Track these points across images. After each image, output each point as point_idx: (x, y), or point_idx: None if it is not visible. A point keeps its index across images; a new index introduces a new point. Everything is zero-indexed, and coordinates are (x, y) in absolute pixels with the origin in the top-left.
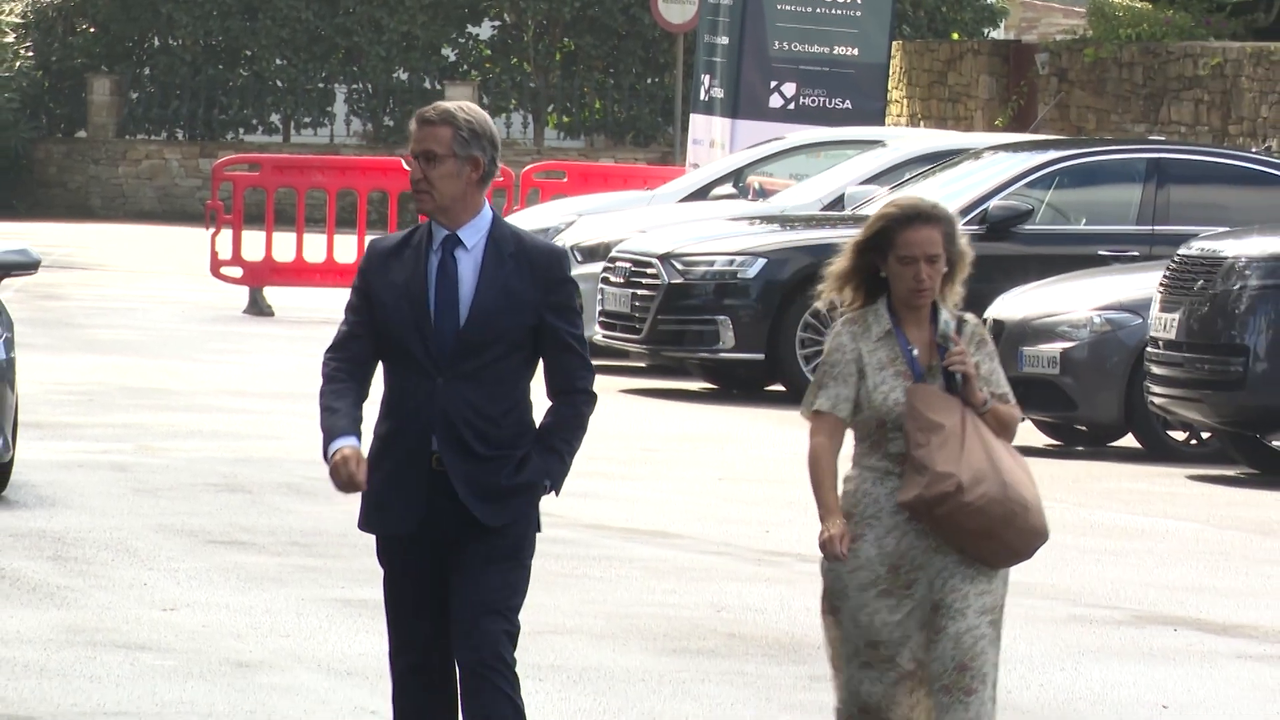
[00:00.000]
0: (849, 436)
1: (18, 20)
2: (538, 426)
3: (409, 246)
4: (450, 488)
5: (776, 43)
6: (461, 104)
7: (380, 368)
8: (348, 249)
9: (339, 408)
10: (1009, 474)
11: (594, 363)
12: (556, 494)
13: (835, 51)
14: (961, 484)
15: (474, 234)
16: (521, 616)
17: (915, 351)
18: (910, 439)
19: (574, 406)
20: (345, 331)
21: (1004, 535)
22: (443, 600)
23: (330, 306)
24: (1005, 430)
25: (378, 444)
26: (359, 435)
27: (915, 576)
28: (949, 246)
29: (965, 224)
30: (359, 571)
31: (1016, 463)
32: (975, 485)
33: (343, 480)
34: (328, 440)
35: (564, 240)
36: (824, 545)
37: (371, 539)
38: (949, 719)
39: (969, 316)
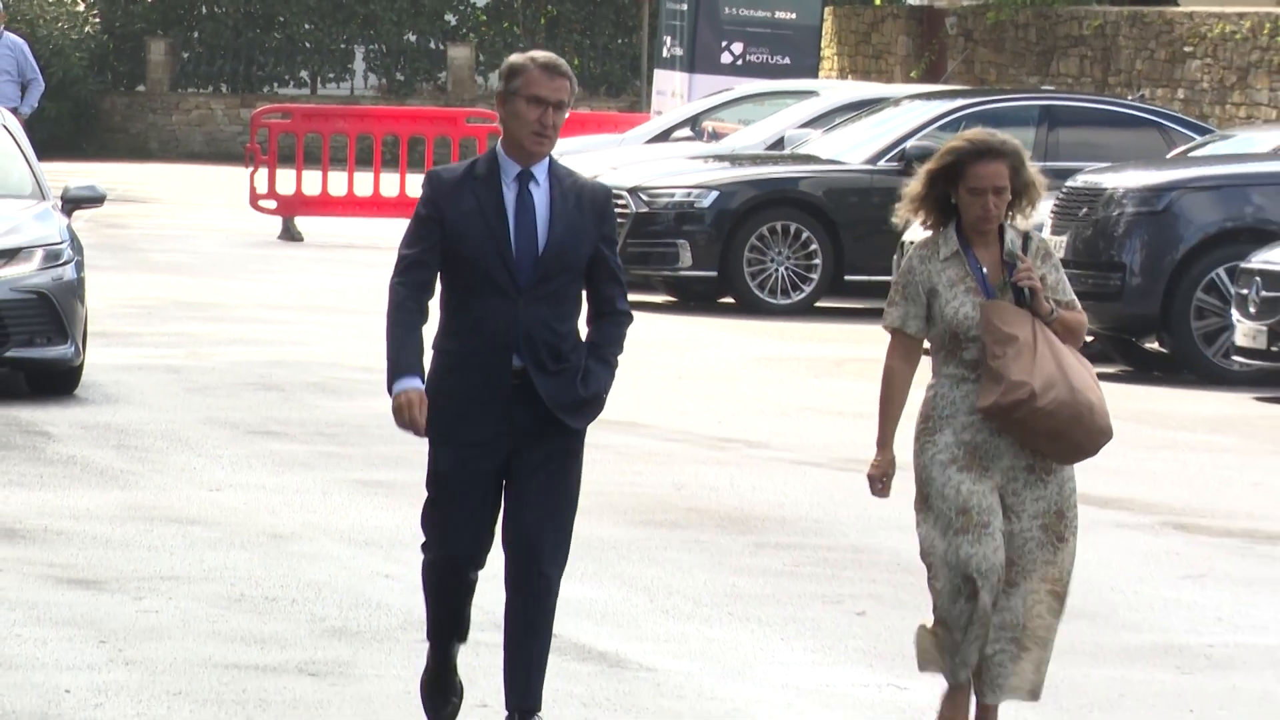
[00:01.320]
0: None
1: None
2: (588, 344)
3: (474, 178)
4: (524, 398)
5: (726, 8)
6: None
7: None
8: (365, 184)
9: (407, 344)
10: (1077, 379)
11: None
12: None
13: (776, 15)
14: (1034, 391)
15: (541, 171)
16: None
17: (985, 270)
18: (987, 350)
19: (619, 325)
20: (412, 256)
21: (1073, 435)
22: (496, 500)
23: (351, 233)
24: (1072, 335)
25: (451, 360)
26: (423, 375)
27: (990, 465)
28: (1015, 178)
29: (886, 161)
30: (375, 457)
31: (1084, 367)
32: (1047, 391)
33: (404, 421)
34: (393, 376)
35: None
36: (869, 478)
37: (387, 429)
38: (999, 606)
39: (1034, 233)
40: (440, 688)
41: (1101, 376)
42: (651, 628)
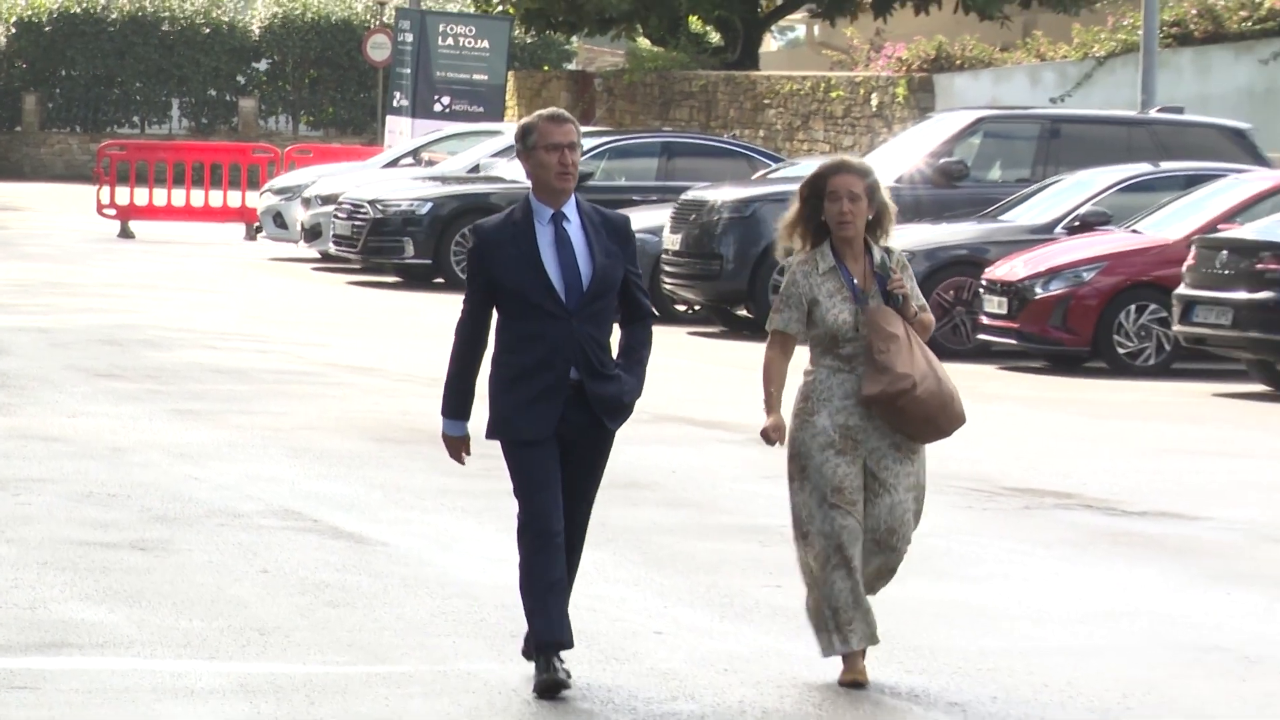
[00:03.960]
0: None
1: None
2: (624, 347)
3: (512, 224)
4: (576, 402)
5: (438, 72)
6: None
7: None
8: (180, 198)
9: (461, 387)
10: (940, 371)
11: (327, 267)
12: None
13: (474, 78)
14: (915, 381)
15: (571, 209)
16: (283, 421)
17: (855, 280)
18: (873, 347)
19: (647, 329)
20: (474, 298)
21: (938, 420)
22: (559, 480)
23: (170, 233)
24: (926, 332)
25: (514, 372)
26: (468, 417)
27: (859, 445)
28: (871, 195)
29: None
30: (188, 393)
31: (939, 363)
32: (922, 382)
33: (451, 458)
34: (446, 414)
35: (311, 192)
36: (763, 433)
37: (197, 374)
38: (878, 561)
39: (894, 248)
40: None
41: (708, 334)
42: (385, 514)
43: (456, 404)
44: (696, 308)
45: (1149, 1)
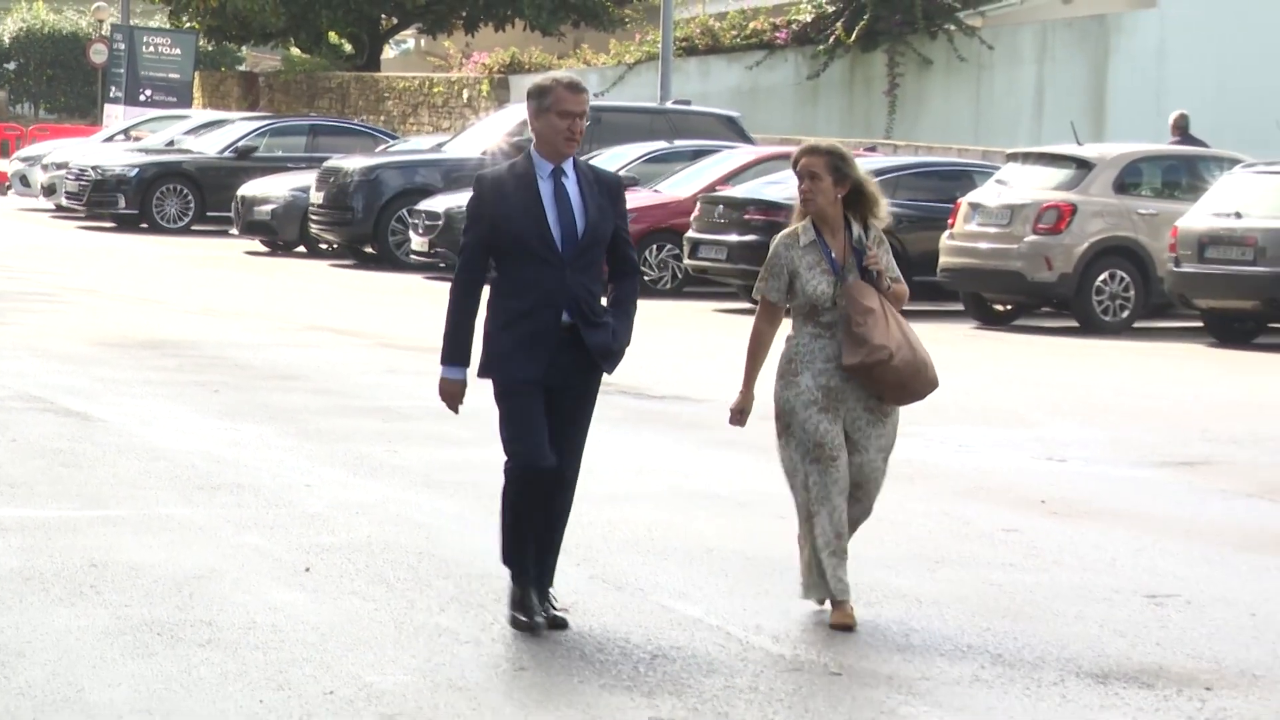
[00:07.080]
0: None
1: None
2: (614, 299)
3: (514, 176)
4: (567, 346)
5: (143, 72)
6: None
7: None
8: None
9: (460, 333)
10: (913, 340)
11: (60, 216)
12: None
13: (169, 76)
14: (892, 352)
15: (569, 166)
16: (26, 329)
17: (834, 254)
18: (851, 319)
19: (634, 284)
20: (470, 243)
21: (912, 385)
22: (545, 422)
23: None
24: (899, 302)
25: (509, 316)
26: (468, 364)
27: (839, 406)
28: (837, 174)
29: (229, 151)
30: None
31: (913, 333)
32: (898, 352)
33: (446, 405)
34: (445, 359)
35: (48, 160)
36: (732, 411)
37: None
38: (848, 512)
39: (874, 226)
40: (523, 611)
41: (345, 268)
42: (104, 399)
43: (455, 351)
44: (335, 245)
45: (665, 22)
